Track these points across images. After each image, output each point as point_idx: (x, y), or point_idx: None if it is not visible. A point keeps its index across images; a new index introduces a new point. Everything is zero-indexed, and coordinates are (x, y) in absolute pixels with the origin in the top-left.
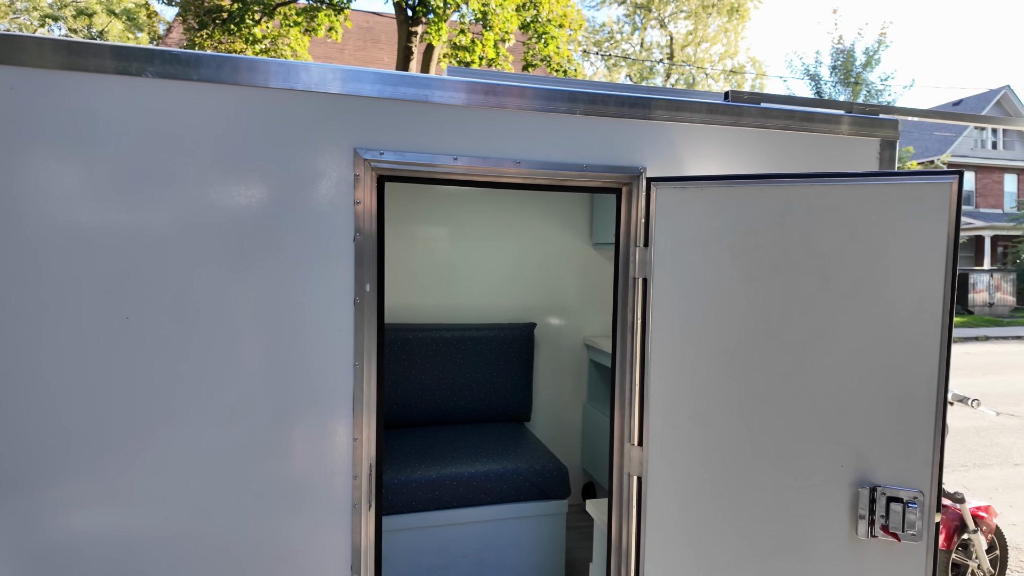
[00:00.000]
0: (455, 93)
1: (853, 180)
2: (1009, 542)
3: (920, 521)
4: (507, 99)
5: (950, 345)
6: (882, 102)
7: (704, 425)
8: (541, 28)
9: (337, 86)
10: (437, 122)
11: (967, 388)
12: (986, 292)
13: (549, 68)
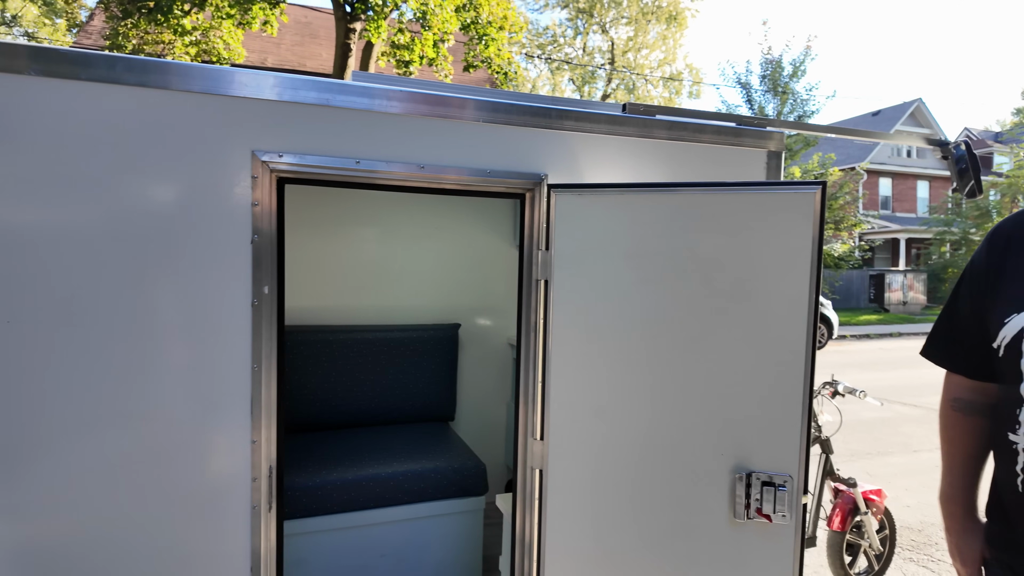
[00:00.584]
0: (358, 98)
1: (731, 189)
2: (903, 522)
3: (789, 503)
4: (411, 105)
5: (815, 341)
6: (807, 111)
7: (602, 419)
8: (481, 30)
9: (235, 88)
10: (339, 126)
11: (880, 381)
12: (900, 291)
13: (490, 69)
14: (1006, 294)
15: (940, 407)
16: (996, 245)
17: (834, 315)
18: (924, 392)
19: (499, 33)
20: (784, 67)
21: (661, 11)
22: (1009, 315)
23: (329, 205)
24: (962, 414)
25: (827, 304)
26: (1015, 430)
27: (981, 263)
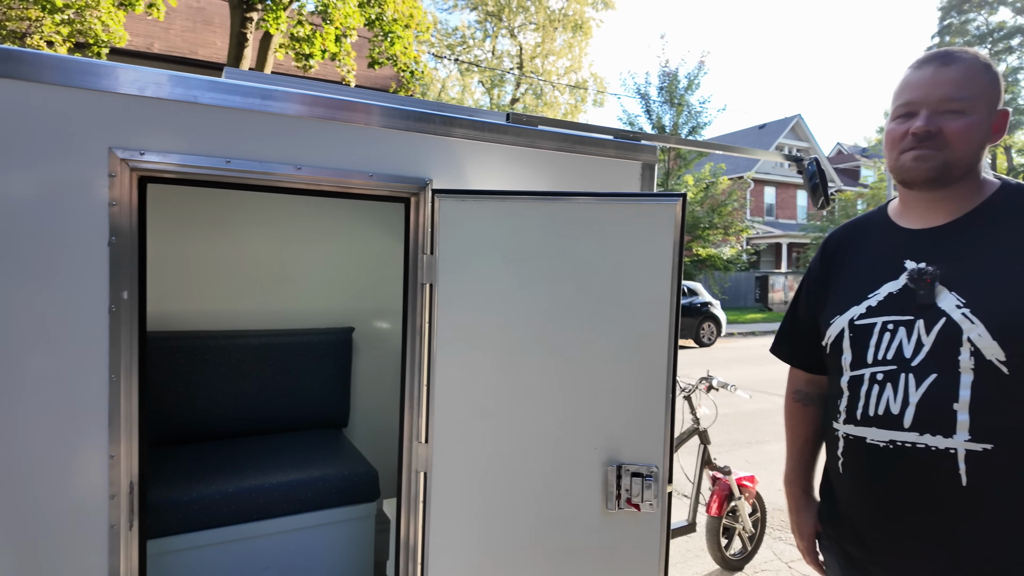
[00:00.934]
0: (228, 96)
1: (604, 199)
2: (775, 504)
3: (656, 492)
4: (287, 105)
5: (677, 340)
6: (701, 123)
7: (484, 419)
8: (387, 27)
9: (92, 81)
10: (208, 124)
11: (762, 375)
12: (782, 291)
13: (396, 67)
14: (833, 298)
15: (785, 398)
16: (827, 253)
17: (723, 314)
18: None
19: (405, 31)
20: (680, 80)
21: (567, 19)
22: (834, 317)
23: (214, 205)
24: (801, 404)
25: (716, 304)
26: (837, 419)
27: (815, 269)
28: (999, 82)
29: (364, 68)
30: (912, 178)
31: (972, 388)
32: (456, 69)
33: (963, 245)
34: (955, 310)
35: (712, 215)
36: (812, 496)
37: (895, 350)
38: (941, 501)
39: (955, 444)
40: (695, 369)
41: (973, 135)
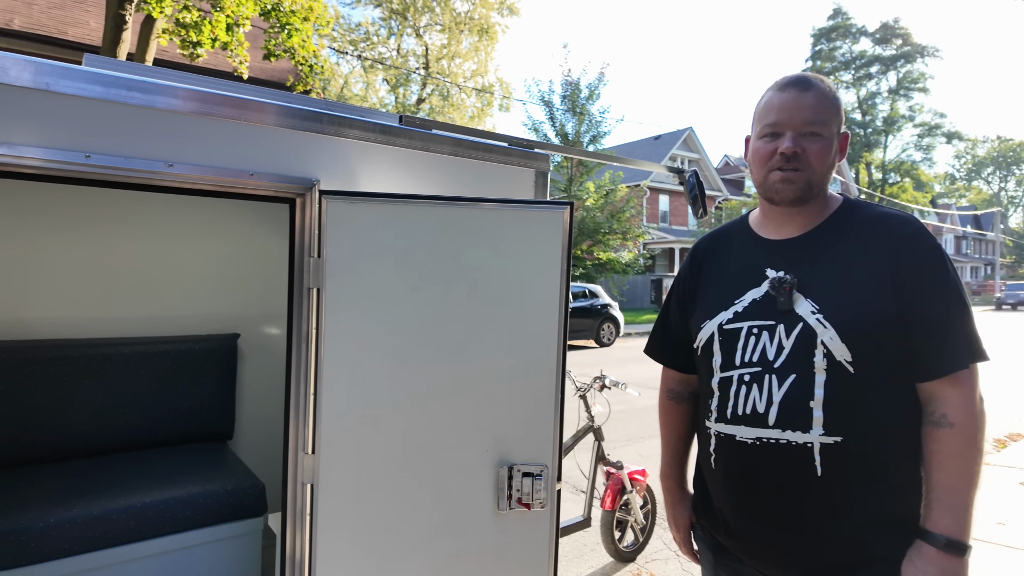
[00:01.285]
0: (88, 85)
1: (496, 205)
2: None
3: (545, 490)
4: (156, 97)
5: (565, 342)
6: (600, 132)
7: (374, 427)
8: (284, 18)
9: None
10: (64, 115)
11: (654, 374)
12: None
13: (294, 60)
14: (703, 303)
15: (659, 397)
16: (695, 260)
17: (621, 316)
18: None
19: (304, 24)
20: (582, 89)
21: (473, 23)
22: (704, 321)
23: (77, 201)
24: (674, 403)
25: (615, 306)
26: (709, 418)
27: (685, 276)
28: (842, 107)
29: (259, 60)
30: (781, 198)
31: (825, 387)
32: (360, 66)
33: (814, 255)
34: (810, 316)
35: (612, 221)
36: (686, 489)
37: (760, 353)
38: (800, 492)
39: (812, 439)
40: (595, 368)
41: (827, 156)
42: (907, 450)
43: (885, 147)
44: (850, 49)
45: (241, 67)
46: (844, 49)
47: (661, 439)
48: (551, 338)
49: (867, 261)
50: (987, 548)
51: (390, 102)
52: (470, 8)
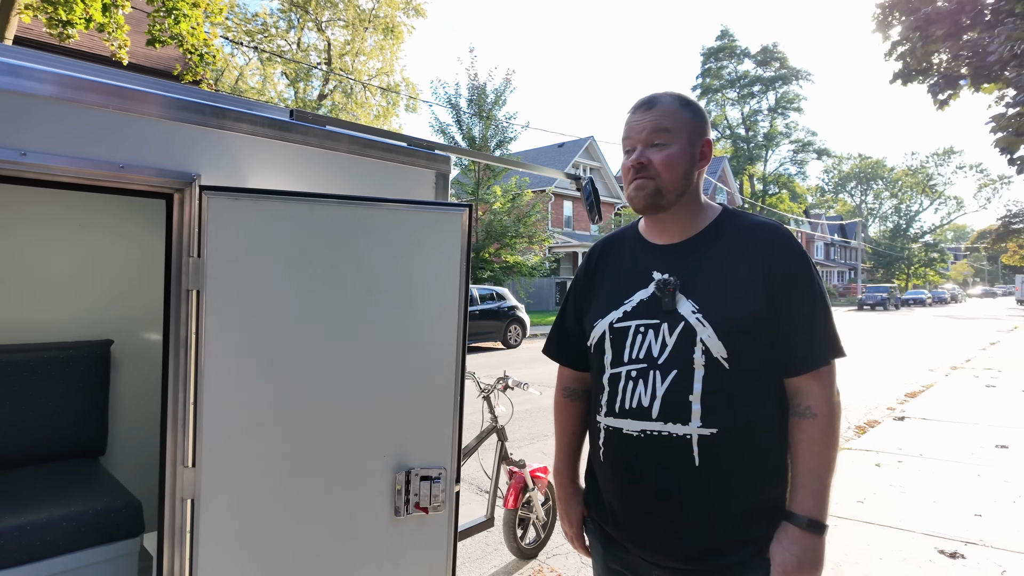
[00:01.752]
0: None
1: (394, 205)
2: None
3: (444, 493)
4: (7, 79)
5: (465, 344)
6: (506, 137)
7: (261, 436)
8: (170, 2)
9: None
10: None
11: (549, 373)
12: None
13: (182, 48)
14: (596, 303)
15: (554, 395)
16: (590, 263)
17: (527, 317)
18: None
19: (193, 10)
20: (488, 94)
21: (378, 21)
22: (596, 320)
23: None
24: (569, 400)
25: (522, 308)
26: (599, 412)
27: (581, 278)
28: (700, 116)
29: (141, 45)
30: (636, 206)
31: (703, 381)
32: (257, 58)
33: (695, 259)
34: (691, 315)
35: (518, 225)
36: (578, 484)
37: (646, 350)
38: (680, 481)
39: (690, 430)
40: (501, 369)
41: (676, 163)
42: (777, 440)
43: (766, 161)
44: (735, 69)
45: (121, 52)
46: (730, 68)
47: (555, 436)
48: (450, 340)
49: (742, 265)
50: (848, 524)
51: (289, 97)
52: (375, 6)
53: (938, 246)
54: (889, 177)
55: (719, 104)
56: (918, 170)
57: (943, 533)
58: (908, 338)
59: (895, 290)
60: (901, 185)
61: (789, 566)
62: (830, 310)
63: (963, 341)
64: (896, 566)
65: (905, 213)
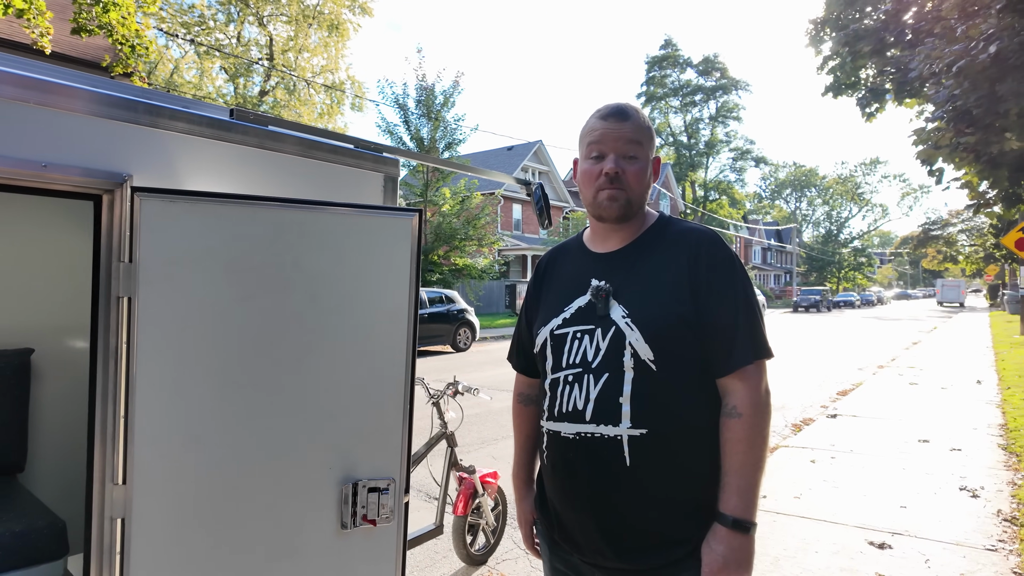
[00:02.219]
0: None
1: (341, 209)
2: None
3: (392, 504)
4: None
5: (415, 351)
6: (456, 139)
7: (199, 450)
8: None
9: None
10: None
11: (509, 376)
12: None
13: (111, 38)
14: (542, 311)
15: (512, 402)
16: (539, 272)
17: (476, 320)
18: None
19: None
20: (436, 96)
21: (323, 17)
22: (540, 328)
23: None
24: (523, 405)
25: (471, 311)
26: (543, 416)
27: (531, 287)
28: (654, 136)
29: (65, 34)
30: (607, 215)
31: (632, 384)
32: (194, 51)
33: (627, 265)
34: (621, 320)
35: (468, 227)
36: (532, 488)
37: (581, 355)
38: (612, 481)
39: (621, 431)
40: (451, 374)
41: (643, 177)
42: (708, 441)
43: (707, 168)
44: (678, 78)
45: (43, 40)
46: (673, 77)
47: (514, 440)
48: (399, 347)
49: (670, 269)
50: (787, 519)
51: (229, 92)
52: (319, 2)
53: (865, 251)
54: (821, 185)
55: (663, 112)
56: (847, 179)
57: (872, 525)
58: (839, 338)
59: (827, 292)
60: (832, 193)
61: (715, 565)
62: (756, 310)
63: (888, 341)
64: (830, 559)
65: (836, 219)
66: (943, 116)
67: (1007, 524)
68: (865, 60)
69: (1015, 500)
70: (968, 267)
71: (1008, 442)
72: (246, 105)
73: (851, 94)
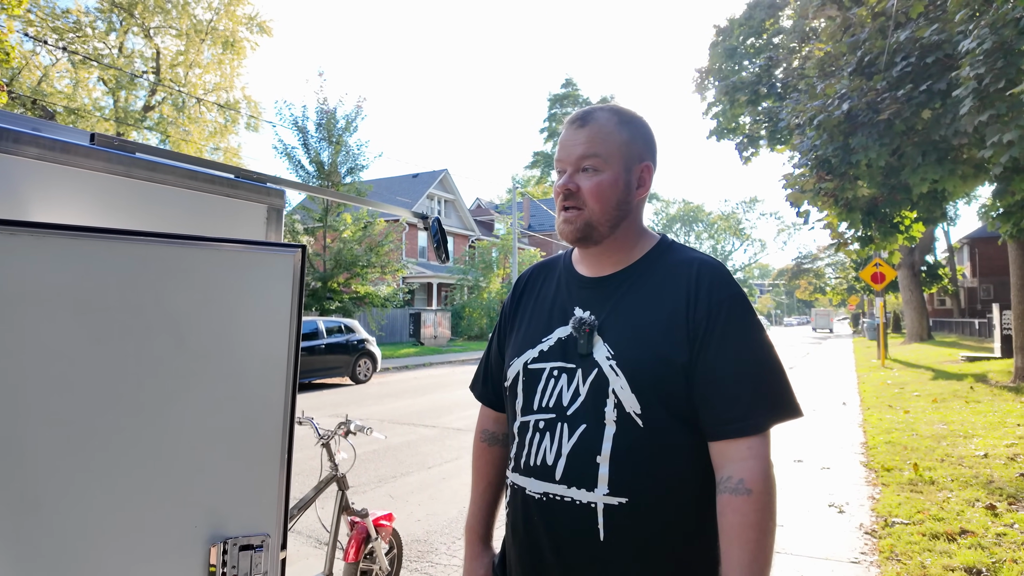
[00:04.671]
0: None
1: (210, 244)
2: (412, 535)
3: (267, 563)
4: None
5: (295, 397)
6: (358, 165)
7: (36, 513)
8: None
9: None
10: None
11: (410, 407)
12: (432, 327)
13: None
14: (516, 338)
15: (473, 439)
16: (517, 291)
17: (378, 351)
18: (442, 414)
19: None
20: (338, 120)
21: (217, 33)
22: (513, 358)
23: None
24: (487, 444)
25: (372, 341)
26: (509, 466)
27: (507, 307)
28: (641, 136)
29: None
30: (564, 239)
31: (613, 440)
32: (67, 59)
33: (616, 296)
34: (605, 361)
35: (370, 254)
36: (489, 545)
37: (556, 398)
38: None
39: (596, 498)
40: (348, 408)
41: (607, 192)
42: (700, 516)
43: None
44: None
45: None
46: None
47: (472, 487)
48: (276, 392)
49: (664, 305)
50: None
51: (108, 106)
52: (213, 17)
53: (747, 282)
54: (707, 220)
55: None
56: (730, 215)
57: None
58: None
59: None
60: (717, 228)
61: None
62: (773, 359)
63: None
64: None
65: (721, 252)
66: (807, 163)
67: (868, 537)
68: (742, 109)
69: (874, 514)
70: (834, 297)
71: (868, 459)
72: (127, 120)
73: (731, 138)
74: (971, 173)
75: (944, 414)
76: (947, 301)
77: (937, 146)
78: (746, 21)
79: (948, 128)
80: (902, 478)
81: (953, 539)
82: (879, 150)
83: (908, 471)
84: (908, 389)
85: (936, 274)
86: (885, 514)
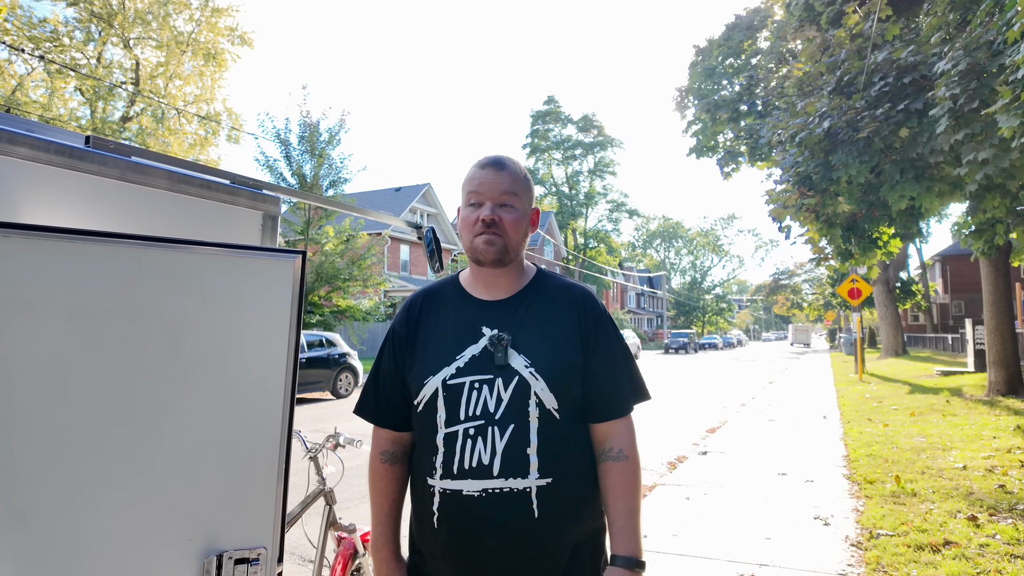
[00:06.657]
0: None
1: (208, 249)
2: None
3: (263, 575)
4: None
5: (293, 407)
6: (341, 178)
7: (24, 527)
8: None
9: None
10: None
11: None
12: None
13: None
14: (422, 358)
15: (369, 461)
16: (412, 315)
17: (359, 365)
18: None
19: None
20: (321, 133)
21: (198, 45)
22: (427, 377)
23: None
24: (388, 465)
25: (354, 355)
26: (432, 475)
27: (400, 330)
28: (532, 188)
29: None
30: (484, 258)
31: (538, 433)
32: (44, 68)
33: (522, 315)
34: (524, 369)
35: (352, 267)
36: (401, 559)
37: (482, 406)
38: (521, 536)
39: (529, 483)
40: (331, 423)
41: (520, 225)
42: (593, 485)
43: (586, 217)
44: (560, 132)
45: None
46: (556, 132)
47: (373, 507)
48: (275, 402)
49: (562, 321)
50: (666, 558)
51: (85, 116)
52: (195, 29)
53: (726, 297)
54: (687, 236)
55: (546, 163)
56: (709, 231)
57: (741, 558)
58: (706, 378)
59: (694, 335)
60: (696, 244)
61: None
62: (632, 358)
63: (748, 380)
64: None
65: (700, 268)
66: (789, 179)
67: (854, 549)
68: (723, 127)
69: (859, 526)
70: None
71: (850, 472)
72: (104, 131)
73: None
74: (947, 190)
75: (922, 427)
76: (920, 317)
77: (914, 164)
78: (725, 42)
79: (925, 146)
80: (885, 490)
81: (938, 550)
82: (859, 167)
83: (890, 483)
84: (886, 403)
85: (910, 290)
86: (870, 526)
